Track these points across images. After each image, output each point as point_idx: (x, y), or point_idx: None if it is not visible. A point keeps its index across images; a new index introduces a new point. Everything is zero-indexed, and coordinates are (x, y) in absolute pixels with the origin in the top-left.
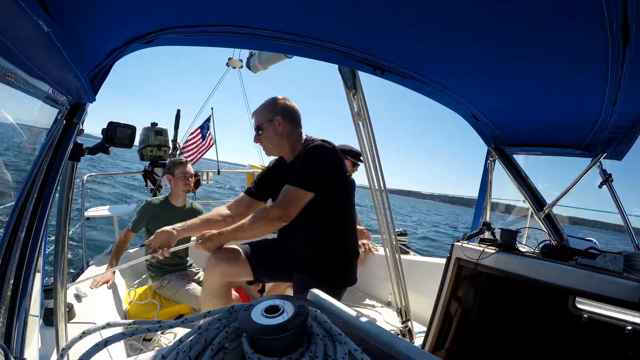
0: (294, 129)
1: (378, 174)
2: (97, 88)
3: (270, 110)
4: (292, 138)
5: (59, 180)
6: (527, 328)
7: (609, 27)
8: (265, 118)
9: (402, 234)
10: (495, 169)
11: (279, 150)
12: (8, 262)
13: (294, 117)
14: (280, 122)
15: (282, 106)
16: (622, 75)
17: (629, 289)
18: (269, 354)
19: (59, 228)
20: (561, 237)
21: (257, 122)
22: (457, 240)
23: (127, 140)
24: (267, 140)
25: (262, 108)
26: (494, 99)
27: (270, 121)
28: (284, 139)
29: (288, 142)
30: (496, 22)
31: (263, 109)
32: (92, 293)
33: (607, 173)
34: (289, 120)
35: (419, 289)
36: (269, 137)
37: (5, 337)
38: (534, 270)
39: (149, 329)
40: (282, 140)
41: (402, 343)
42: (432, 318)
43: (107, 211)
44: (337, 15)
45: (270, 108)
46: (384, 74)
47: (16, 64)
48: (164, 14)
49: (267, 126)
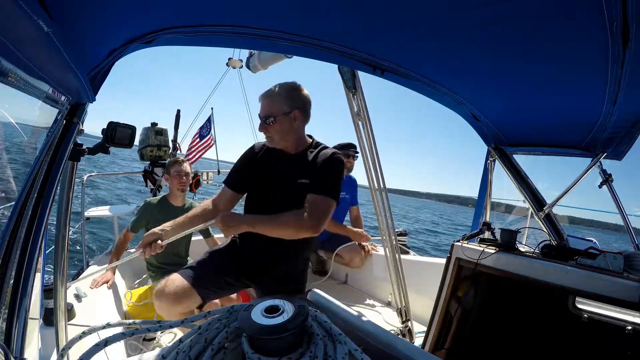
0: (304, 123)
1: (378, 174)
2: (97, 88)
3: (289, 102)
4: (300, 133)
5: (59, 180)
6: (527, 328)
7: (609, 27)
8: (280, 109)
9: (402, 234)
10: (495, 169)
11: (285, 143)
12: (8, 262)
13: (309, 111)
14: (297, 117)
15: (302, 99)
16: (622, 75)
17: (629, 289)
18: (269, 354)
19: (59, 228)
20: (561, 237)
21: (269, 111)
22: (457, 240)
23: (127, 140)
24: (277, 132)
25: (278, 96)
26: (494, 99)
27: (286, 114)
28: (294, 134)
29: (297, 136)
30: (496, 22)
31: (280, 97)
32: (92, 293)
33: (607, 173)
34: (304, 115)
35: (419, 289)
36: (280, 129)
37: (5, 337)
38: (534, 270)
39: (149, 329)
40: (292, 134)
41: (402, 343)
42: (432, 318)
43: (107, 211)
44: (337, 15)
45: (289, 98)
46: (384, 74)
47: (16, 64)
48: (164, 14)
49: (282, 119)
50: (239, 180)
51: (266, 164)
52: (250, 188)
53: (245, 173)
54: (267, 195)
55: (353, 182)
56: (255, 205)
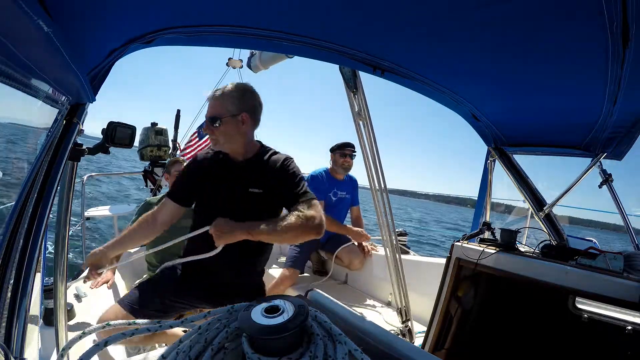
0: (254, 127)
1: (378, 174)
2: (97, 88)
3: (238, 104)
4: (249, 137)
5: (59, 180)
6: (527, 328)
7: (609, 27)
8: (228, 110)
9: (402, 234)
10: (495, 169)
11: (231, 146)
12: (8, 262)
13: (258, 115)
14: (245, 120)
15: (252, 102)
16: (622, 75)
17: (629, 289)
18: (269, 354)
19: (59, 228)
20: (561, 237)
21: (216, 112)
22: (457, 240)
23: (127, 140)
24: (224, 135)
25: (227, 97)
26: (494, 99)
27: (234, 116)
28: (242, 137)
29: (244, 140)
30: (496, 22)
31: (229, 99)
32: (92, 293)
33: (607, 173)
34: (253, 119)
35: (419, 289)
36: (227, 132)
37: (5, 337)
38: (534, 270)
39: (149, 329)
40: (239, 138)
41: (402, 343)
42: (432, 318)
43: (107, 211)
44: (337, 15)
45: (238, 100)
46: (384, 74)
47: (16, 64)
48: (164, 14)
49: (228, 120)
50: (184, 193)
51: (213, 173)
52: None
53: (191, 185)
54: (215, 206)
55: (354, 182)
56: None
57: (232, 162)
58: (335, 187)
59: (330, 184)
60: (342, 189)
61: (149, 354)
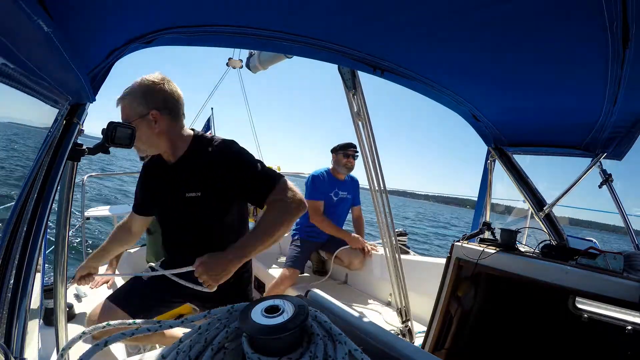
0: (174, 123)
1: (378, 175)
2: (97, 88)
3: (144, 102)
4: (172, 135)
5: (59, 181)
6: (527, 328)
7: (609, 27)
8: (135, 112)
9: (402, 234)
10: (495, 169)
11: (156, 150)
12: (8, 262)
13: (175, 109)
14: (156, 117)
15: (160, 96)
16: (622, 75)
17: (629, 289)
18: (269, 354)
19: (59, 228)
20: (561, 237)
21: (125, 116)
22: (457, 240)
23: (127, 140)
24: (139, 140)
25: (130, 96)
26: (494, 99)
27: (143, 117)
28: (162, 138)
29: (167, 140)
30: (496, 22)
31: (132, 98)
32: (92, 293)
33: (607, 173)
34: (168, 114)
35: (419, 289)
36: (141, 136)
37: (5, 337)
38: (534, 270)
39: (149, 329)
40: (159, 139)
41: (402, 343)
42: (432, 318)
43: (107, 211)
44: (337, 15)
45: (142, 98)
46: (384, 74)
47: (16, 64)
48: (164, 14)
49: (139, 123)
50: (139, 204)
51: (153, 179)
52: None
53: (143, 194)
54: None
55: (355, 182)
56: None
57: (165, 166)
58: (336, 187)
59: (331, 184)
60: (344, 189)
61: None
